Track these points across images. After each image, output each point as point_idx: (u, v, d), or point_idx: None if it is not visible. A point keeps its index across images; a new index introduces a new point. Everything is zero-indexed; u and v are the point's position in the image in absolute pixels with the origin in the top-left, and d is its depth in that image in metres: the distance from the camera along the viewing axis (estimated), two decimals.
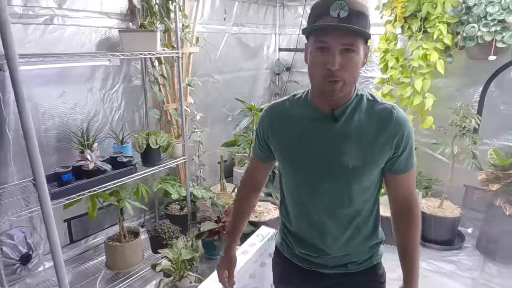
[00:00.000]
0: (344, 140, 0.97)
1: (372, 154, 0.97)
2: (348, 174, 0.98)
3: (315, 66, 0.91)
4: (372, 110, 0.98)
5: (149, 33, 2.19)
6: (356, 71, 0.91)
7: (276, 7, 3.66)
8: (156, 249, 2.36)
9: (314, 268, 1.11)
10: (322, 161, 0.99)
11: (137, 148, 2.15)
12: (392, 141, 0.96)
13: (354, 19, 0.85)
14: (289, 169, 1.08)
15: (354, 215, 1.04)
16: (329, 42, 0.87)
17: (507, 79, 2.55)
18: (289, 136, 1.04)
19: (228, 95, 3.31)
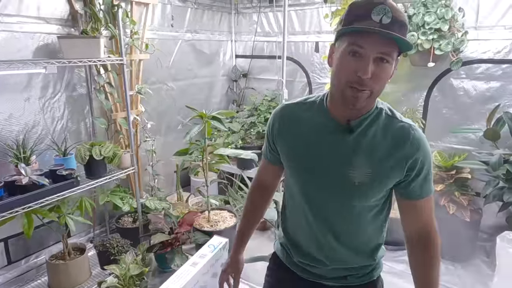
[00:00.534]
0: (355, 154, 0.92)
1: (381, 173, 0.91)
2: (353, 190, 0.93)
3: (343, 71, 0.84)
4: (389, 126, 0.92)
5: (91, 40, 2.10)
6: (385, 83, 0.86)
7: (231, 14, 3.66)
8: (105, 265, 2.25)
9: (313, 279, 1.08)
10: (328, 173, 0.94)
11: (79, 159, 2.04)
12: (406, 163, 0.90)
13: (397, 27, 0.79)
14: (293, 175, 1.03)
15: (356, 232, 1.00)
16: (366, 47, 0.80)
17: (448, 85, 2.69)
18: (297, 140, 0.99)
19: (183, 103, 3.24)
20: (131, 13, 2.60)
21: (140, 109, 2.76)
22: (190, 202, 3.08)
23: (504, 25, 2.43)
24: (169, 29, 3.02)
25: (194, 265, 1.70)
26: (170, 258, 2.24)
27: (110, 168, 2.29)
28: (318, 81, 3.31)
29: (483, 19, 2.49)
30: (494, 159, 2.29)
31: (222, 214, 2.80)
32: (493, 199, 2.35)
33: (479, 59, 2.54)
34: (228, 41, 3.72)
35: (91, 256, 2.42)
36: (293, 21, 3.33)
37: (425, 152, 0.91)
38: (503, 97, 2.51)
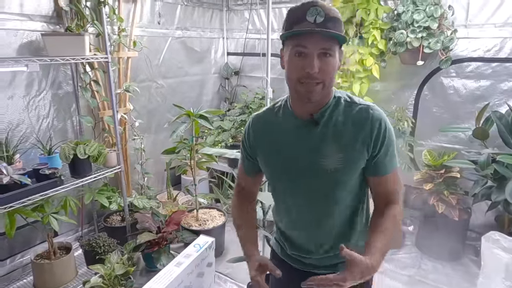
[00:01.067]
0: (324, 143, 0.98)
1: (352, 156, 0.97)
2: (329, 177, 0.99)
3: (293, 71, 0.93)
4: (349, 111, 0.98)
5: (76, 37, 2.07)
6: (333, 74, 0.93)
7: (223, 11, 3.63)
8: (91, 265, 2.23)
9: (307, 269, 1.12)
10: (303, 166, 1.01)
11: (63, 158, 2.01)
12: (370, 141, 0.96)
13: (331, 24, 0.88)
14: (273, 175, 1.10)
15: (340, 218, 1.04)
16: (308, 46, 0.89)
17: (438, 84, 2.68)
18: (272, 144, 1.06)
19: (173, 101, 3.21)
20: (118, 10, 2.57)
21: (129, 107, 2.73)
22: (180, 200, 3.07)
23: (494, 23, 2.41)
24: (159, 26, 2.99)
25: (178, 265, 1.68)
26: (156, 258, 2.23)
27: (97, 167, 2.27)
28: None
29: (473, 17, 2.47)
30: (483, 159, 2.28)
31: (211, 212, 2.79)
32: (482, 198, 2.34)
33: (469, 57, 2.53)
34: (220, 38, 3.69)
35: (78, 256, 2.41)
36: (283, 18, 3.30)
37: (384, 130, 0.96)
38: (493, 96, 2.49)
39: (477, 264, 2.55)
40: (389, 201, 1.02)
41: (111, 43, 2.51)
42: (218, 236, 2.59)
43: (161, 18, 2.99)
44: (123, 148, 2.70)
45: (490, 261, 1.80)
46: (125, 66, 2.71)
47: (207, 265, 1.81)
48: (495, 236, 1.87)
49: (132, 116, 2.78)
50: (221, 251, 2.70)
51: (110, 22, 2.56)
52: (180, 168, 2.47)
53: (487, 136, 2.34)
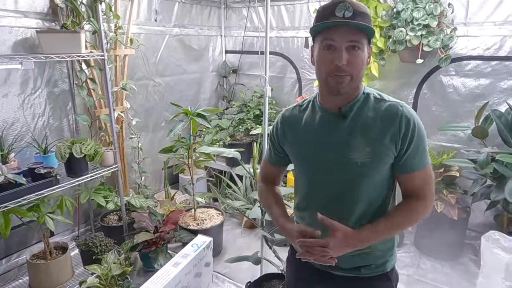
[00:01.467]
0: (352, 137, 0.99)
1: (379, 151, 0.98)
2: (356, 170, 0.99)
3: (323, 64, 0.96)
4: (379, 107, 0.99)
5: (71, 34, 2.04)
6: (362, 68, 0.96)
7: (221, 9, 3.60)
8: (88, 265, 2.21)
9: (327, 269, 1.10)
10: (331, 158, 1.02)
11: (59, 157, 1.99)
12: (399, 137, 0.96)
13: (359, 18, 0.91)
14: (302, 168, 1.12)
15: (365, 215, 1.04)
16: (336, 39, 0.92)
17: (437, 82, 2.66)
18: (301, 137, 1.09)
19: (171, 99, 3.19)
20: (115, 7, 2.54)
21: (125, 106, 2.71)
22: (178, 199, 3.05)
23: (494, 21, 2.40)
24: (156, 23, 2.96)
25: (176, 265, 1.67)
26: (153, 258, 2.21)
27: (93, 166, 2.24)
28: (307, 77, 3.26)
29: (472, 15, 2.45)
30: (482, 158, 2.27)
31: (209, 212, 2.77)
32: (481, 197, 2.33)
33: (469, 56, 2.51)
34: (218, 36, 3.67)
35: (74, 255, 2.39)
36: (283, 16, 3.28)
37: (414, 126, 0.97)
38: (492, 95, 2.48)
39: (476, 263, 2.54)
40: (415, 196, 1.02)
41: (107, 41, 2.49)
42: (216, 236, 2.57)
43: (158, 15, 2.96)
44: (120, 147, 2.68)
45: (490, 261, 1.79)
46: (121, 64, 2.69)
47: (205, 265, 1.80)
48: (495, 235, 1.86)
49: (129, 115, 2.75)
50: (219, 251, 2.68)
51: (107, 19, 2.53)
52: (177, 167, 2.45)
53: (486, 135, 2.33)
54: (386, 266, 1.10)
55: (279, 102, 3.42)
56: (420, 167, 1.00)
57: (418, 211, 1.02)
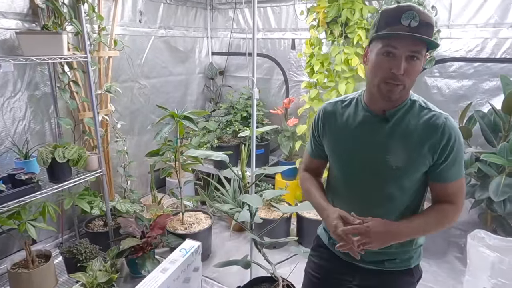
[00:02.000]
0: (392, 140, 1.01)
1: (416, 158, 0.99)
2: (391, 173, 1.02)
3: (379, 69, 0.96)
4: (423, 115, 1.00)
5: (53, 36, 1.98)
6: (415, 77, 0.97)
7: (207, 10, 3.58)
8: (72, 273, 2.14)
9: (352, 261, 1.12)
10: (367, 158, 1.04)
11: (41, 163, 1.93)
12: (438, 148, 0.98)
13: (424, 29, 0.91)
14: (337, 163, 1.14)
15: (394, 214, 1.06)
16: (398, 48, 0.92)
17: (422, 83, 2.71)
18: (340, 133, 1.11)
19: (157, 101, 3.14)
20: (98, 8, 2.48)
21: (110, 109, 2.65)
22: (165, 203, 3.00)
23: (476, 23, 2.45)
24: (141, 25, 2.91)
25: (164, 271, 1.63)
26: (140, 264, 2.16)
27: (77, 170, 2.18)
28: (294, 78, 3.27)
29: (455, 17, 2.50)
30: (466, 157, 2.31)
31: (197, 215, 2.73)
32: (466, 196, 2.37)
33: (452, 57, 2.56)
34: (204, 37, 3.64)
35: (58, 263, 2.32)
36: (269, 18, 3.28)
37: (455, 138, 0.99)
38: (475, 96, 2.54)
39: (461, 261, 2.59)
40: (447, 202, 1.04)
41: (90, 42, 2.43)
42: (205, 240, 2.54)
43: (143, 16, 2.91)
44: (104, 150, 2.62)
45: (476, 259, 1.82)
46: (106, 66, 2.63)
47: (193, 270, 1.77)
48: (480, 234, 1.90)
49: (114, 118, 2.69)
50: (207, 255, 2.65)
51: (90, 21, 2.47)
52: (164, 170, 2.41)
53: (470, 135, 2.38)
54: (410, 262, 1.12)
55: (266, 103, 3.41)
56: (455, 178, 1.02)
57: (449, 215, 1.04)
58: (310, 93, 2.79)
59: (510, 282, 1.66)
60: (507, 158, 2.07)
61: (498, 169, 2.20)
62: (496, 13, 2.38)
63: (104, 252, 2.26)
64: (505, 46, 2.40)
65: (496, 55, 2.43)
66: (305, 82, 2.89)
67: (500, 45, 2.41)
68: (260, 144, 3.09)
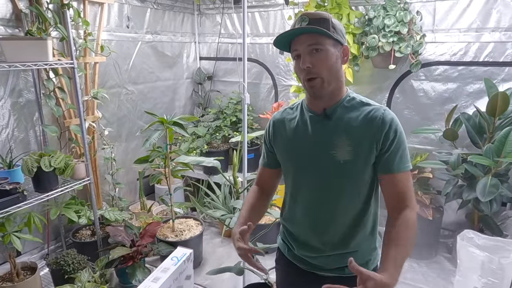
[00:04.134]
0: (335, 136, 1.05)
1: (362, 150, 1.03)
2: (340, 169, 1.04)
3: (297, 72, 1.05)
4: (363, 110, 1.04)
5: (37, 41, 1.93)
6: (332, 67, 1.01)
7: (194, 15, 3.56)
8: (59, 285, 2.08)
9: (313, 270, 1.16)
10: (315, 156, 1.08)
11: (26, 172, 1.87)
12: (379, 138, 1.01)
13: (315, 24, 0.98)
14: (287, 166, 1.17)
15: (348, 215, 1.08)
16: (298, 47, 1.01)
17: (408, 86, 2.75)
18: (287, 136, 1.15)
19: (144, 107, 3.11)
20: (84, 13, 2.44)
21: (97, 115, 2.60)
22: (154, 211, 2.96)
23: (459, 28, 2.52)
24: (127, 30, 2.88)
25: (156, 280, 1.59)
26: (131, 273, 2.11)
27: (64, 179, 2.13)
28: (283, 83, 3.28)
29: (439, 22, 2.56)
30: (453, 159, 2.36)
31: (187, 222, 2.70)
32: (453, 197, 2.42)
33: (437, 61, 2.62)
34: (192, 42, 3.62)
35: (44, 275, 2.25)
36: (257, 23, 3.29)
37: (395, 130, 1.02)
38: (460, 98, 2.59)
39: (450, 261, 2.63)
40: (401, 206, 1.02)
41: (76, 48, 2.38)
42: (196, 247, 2.50)
43: (130, 21, 2.88)
44: (92, 158, 2.56)
45: (466, 259, 1.85)
46: (92, 72, 2.58)
47: (185, 278, 1.73)
48: (469, 234, 1.93)
49: (101, 124, 2.64)
50: (199, 262, 2.62)
51: (75, 26, 2.43)
52: (154, 177, 2.37)
53: (456, 137, 2.42)
54: (368, 266, 1.13)
55: (255, 108, 3.41)
56: (402, 170, 1.03)
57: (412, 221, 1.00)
58: (299, 97, 2.80)
59: (500, 281, 1.69)
60: (493, 159, 2.12)
61: (484, 170, 2.25)
62: (478, 18, 2.44)
63: (93, 262, 2.20)
64: (487, 50, 2.47)
65: (479, 58, 2.50)
66: (294, 86, 2.90)
67: (482, 49, 2.48)
68: (250, 149, 3.08)
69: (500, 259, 1.71)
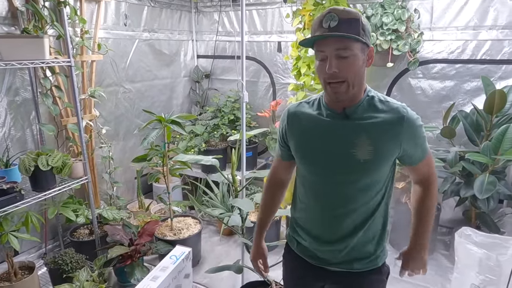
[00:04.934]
0: (355, 135, 1.04)
1: (382, 149, 1.03)
2: (359, 167, 1.04)
3: (319, 74, 1.02)
4: (383, 108, 1.04)
5: (34, 40, 1.92)
6: (358, 71, 0.98)
7: (191, 13, 3.55)
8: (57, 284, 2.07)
9: (321, 264, 1.17)
10: (333, 155, 1.07)
11: (23, 171, 1.86)
12: (401, 140, 1.02)
13: (345, 26, 0.94)
14: (303, 162, 1.15)
15: (363, 209, 1.09)
16: (325, 50, 0.98)
17: (406, 84, 2.76)
18: (303, 132, 1.13)
19: (142, 105, 3.10)
20: (80, 11, 2.42)
21: (94, 114, 2.58)
22: (152, 209, 2.95)
23: (456, 26, 2.52)
24: (125, 28, 2.86)
25: (154, 279, 1.60)
26: (129, 272, 2.11)
27: (61, 178, 2.12)
28: (281, 81, 3.28)
29: (436, 20, 2.56)
30: (451, 156, 2.36)
31: (186, 221, 2.70)
32: (451, 194, 2.43)
33: (434, 59, 2.62)
34: (189, 40, 3.60)
35: (42, 275, 2.24)
36: (255, 21, 3.28)
37: (416, 127, 1.03)
38: (457, 96, 2.60)
39: (447, 257, 2.64)
40: (425, 183, 1.15)
41: (73, 46, 2.36)
42: (194, 245, 2.50)
43: (127, 19, 2.86)
44: (89, 157, 2.55)
45: (464, 256, 1.86)
46: (89, 70, 2.57)
47: (184, 276, 1.74)
48: (467, 231, 1.94)
49: (99, 123, 2.63)
50: (197, 260, 2.61)
51: (72, 24, 2.41)
52: (152, 176, 2.36)
53: (454, 135, 2.43)
54: (377, 261, 1.15)
55: (253, 106, 3.41)
56: (423, 158, 1.10)
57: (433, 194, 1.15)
58: (297, 96, 2.80)
59: (497, 278, 1.70)
60: (490, 156, 2.13)
61: (481, 167, 2.26)
62: (475, 16, 2.45)
63: (91, 261, 2.20)
64: (484, 48, 2.48)
65: (476, 56, 2.51)
66: (292, 84, 2.90)
67: (480, 47, 2.49)
68: (248, 147, 3.07)
69: (497, 256, 1.72)
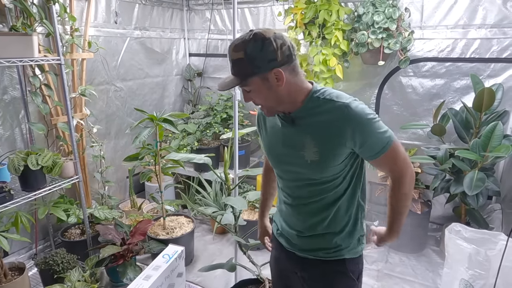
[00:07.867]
0: (302, 138, 1.07)
1: (328, 150, 1.04)
2: (308, 167, 1.08)
3: None
4: (326, 109, 1.04)
5: (22, 37, 1.89)
6: (268, 97, 1.03)
7: (183, 11, 3.53)
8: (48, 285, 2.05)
9: (293, 250, 1.24)
10: (286, 156, 1.13)
11: (13, 170, 1.83)
12: (346, 138, 1.01)
13: (235, 68, 1.01)
14: (269, 159, 1.24)
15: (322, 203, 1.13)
16: None
17: (397, 83, 2.78)
18: (266, 132, 1.22)
19: (133, 104, 3.08)
20: (70, 8, 2.39)
21: (85, 112, 2.56)
22: (145, 208, 2.93)
23: (446, 25, 2.55)
24: (115, 26, 2.83)
25: (147, 278, 1.59)
26: (122, 272, 2.10)
27: (51, 178, 2.09)
28: None
29: (427, 19, 2.59)
30: (441, 154, 2.40)
31: (178, 220, 2.69)
32: (441, 191, 2.46)
33: (425, 57, 2.65)
34: (181, 39, 3.58)
35: (33, 275, 2.21)
36: (247, 19, 3.27)
37: (362, 123, 1.00)
38: (447, 94, 2.63)
39: (438, 253, 2.68)
40: (394, 175, 1.11)
41: (63, 44, 2.34)
42: (187, 244, 2.50)
43: (118, 17, 2.83)
44: (80, 156, 2.52)
45: (454, 252, 1.89)
46: (79, 68, 2.54)
47: (177, 275, 1.73)
48: (457, 227, 1.97)
49: (89, 122, 2.60)
50: (190, 259, 2.61)
51: (62, 21, 2.38)
52: (144, 175, 2.34)
53: (444, 132, 2.47)
54: (342, 253, 1.16)
55: (246, 104, 3.40)
56: (381, 153, 1.02)
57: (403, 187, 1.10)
58: None
59: (486, 272, 1.73)
60: (479, 153, 2.16)
61: (471, 164, 2.30)
62: (465, 15, 2.48)
63: (83, 261, 2.18)
64: (473, 47, 2.51)
65: (465, 55, 2.54)
66: None
67: (469, 45, 2.52)
68: (241, 146, 3.07)
69: (486, 251, 1.74)
